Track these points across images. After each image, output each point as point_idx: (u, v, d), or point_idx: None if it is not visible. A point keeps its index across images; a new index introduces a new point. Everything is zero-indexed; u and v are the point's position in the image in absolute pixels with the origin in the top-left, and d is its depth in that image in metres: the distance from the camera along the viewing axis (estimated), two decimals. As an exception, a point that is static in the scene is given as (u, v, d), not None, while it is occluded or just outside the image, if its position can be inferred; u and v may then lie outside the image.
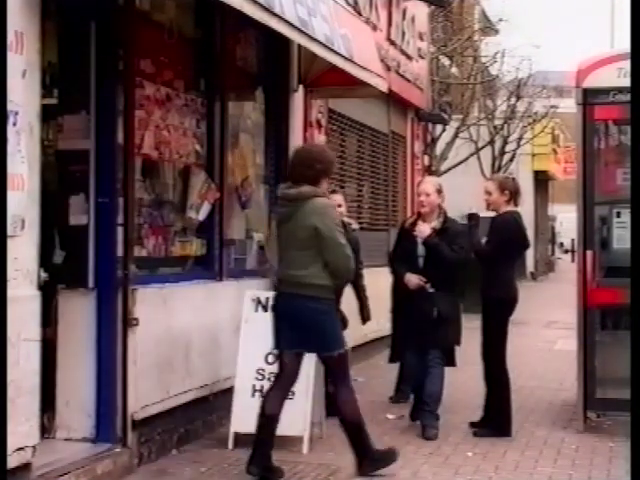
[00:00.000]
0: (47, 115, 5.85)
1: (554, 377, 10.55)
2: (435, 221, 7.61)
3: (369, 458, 6.33)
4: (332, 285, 6.22)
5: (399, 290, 8.48)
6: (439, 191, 7.69)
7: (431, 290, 7.50)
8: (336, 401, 6.38)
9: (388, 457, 6.44)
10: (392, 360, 9.24)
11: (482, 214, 8.05)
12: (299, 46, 8.57)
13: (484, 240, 7.68)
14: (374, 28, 11.66)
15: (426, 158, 16.90)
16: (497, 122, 27.71)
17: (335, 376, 6.42)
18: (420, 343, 7.60)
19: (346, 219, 8.28)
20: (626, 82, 7.32)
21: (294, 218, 6.15)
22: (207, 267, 7.81)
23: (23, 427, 5.19)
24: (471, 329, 7.80)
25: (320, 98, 10.33)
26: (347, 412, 6.32)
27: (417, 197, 7.74)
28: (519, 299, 7.73)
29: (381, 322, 11.32)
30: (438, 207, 7.70)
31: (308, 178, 6.17)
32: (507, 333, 7.62)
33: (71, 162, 6.45)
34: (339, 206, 8.12)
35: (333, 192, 8.69)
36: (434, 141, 20.99)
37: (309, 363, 7.12)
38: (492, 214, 7.84)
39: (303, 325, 6.19)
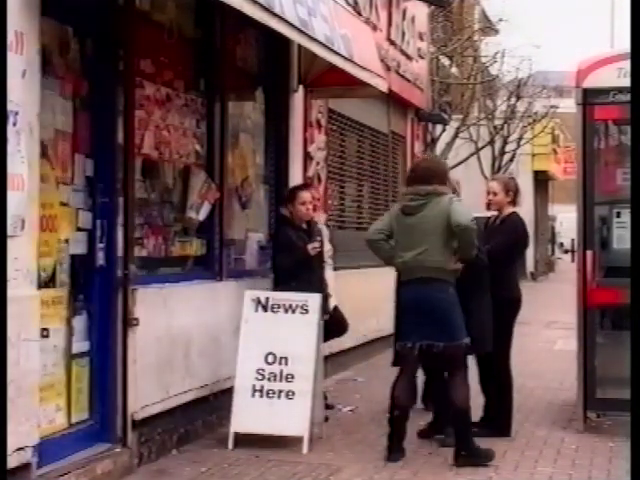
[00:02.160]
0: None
1: (554, 377, 10.55)
2: None
3: (468, 450, 6.66)
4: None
5: None
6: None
7: None
8: (449, 387, 6.73)
9: (486, 455, 6.74)
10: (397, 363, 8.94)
11: (477, 214, 8.01)
12: (299, 46, 8.57)
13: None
14: (374, 28, 11.66)
15: (426, 158, 16.87)
16: (497, 122, 27.73)
17: (456, 364, 6.73)
18: None
19: (315, 217, 8.39)
20: (626, 82, 7.33)
21: (428, 209, 6.70)
22: (207, 267, 7.81)
23: (23, 427, 5.19)
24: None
25: (320, 98, 10.32)
26: (459, 399, 6.69)
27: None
28: (520, 299, 7.75)
29: (381, 322, 11.33)
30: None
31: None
32: (513, 333, 7.63)
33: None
34: (305, 202, 8.10)
35: (306, 187, 8.60)
36: (434, 141, 20.97)
37: (309, 363, 7.14)
38: (487, 214, 7.85)
39: (436, 314, 6.62)
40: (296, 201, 8.11)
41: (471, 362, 7.61)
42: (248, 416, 7.05)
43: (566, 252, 43.40)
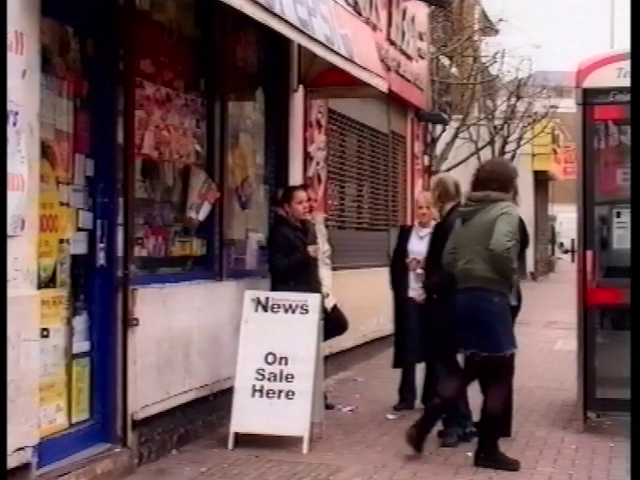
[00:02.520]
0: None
1: (554, 377, 10.56)
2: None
3: (488, 455, 6.63)
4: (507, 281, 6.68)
5: (401, 295, 8.53)
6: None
7: None
8: (486, 394, 6.81)
9: (511, 463, 6.65)
10: (397, 365, 9.02)
11: None
12: (299, 46, 8.58)
13: None
14: (374, 28, 11.66)
15: (426, 158, 16.91)
16: (497, 122, 27.73)
17: (495, 373, 6.75)
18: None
19: (310, 217, 8.38)
20: (626, 82, 7.33)
21: (478, 216, 6.62)
22: (207, 267, 7.81)
23: (23, 427, 5.19)
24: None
25: (320, 98, 10.32)
26: (491, 406, 6.70)
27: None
28: (519, 299, 7.75)
29: (381, 322, 11.34)
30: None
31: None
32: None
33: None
34: (302, 201, 8.15)
35: (303, 187, 8.66)
36: (434, 141, 20.99)
37: (309, 363, 7.13)
38: None
39: (478, 324, 6.58)
40: (293, 200, 8.15)
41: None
42: (248, 416, 7.05)
43: (566, 252, 43.42)
